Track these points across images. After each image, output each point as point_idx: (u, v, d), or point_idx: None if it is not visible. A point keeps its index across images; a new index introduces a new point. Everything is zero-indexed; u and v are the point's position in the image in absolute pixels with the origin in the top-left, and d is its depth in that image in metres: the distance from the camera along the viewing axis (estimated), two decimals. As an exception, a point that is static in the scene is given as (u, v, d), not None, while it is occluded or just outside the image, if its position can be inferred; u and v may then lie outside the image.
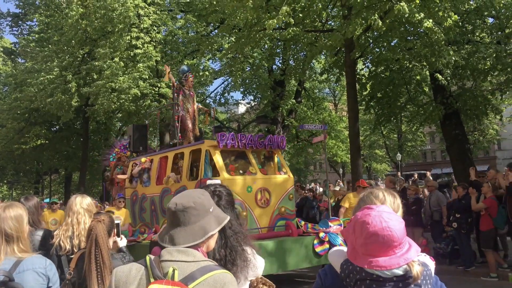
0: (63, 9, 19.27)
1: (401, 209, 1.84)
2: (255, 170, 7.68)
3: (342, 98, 31.41)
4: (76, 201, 3.70)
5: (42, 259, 2.54)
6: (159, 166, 8.74)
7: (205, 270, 1.61)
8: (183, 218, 1.68)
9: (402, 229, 1.53)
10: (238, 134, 7.72)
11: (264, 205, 7.45)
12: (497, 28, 13.42)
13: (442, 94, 14.22)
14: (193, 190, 1.82)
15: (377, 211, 1.55)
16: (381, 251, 1.50)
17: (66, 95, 18.18)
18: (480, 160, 36.12)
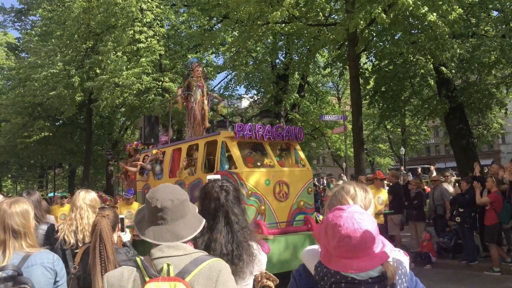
0: (66, 3, 19.23)
1: (373, 203, 1.79)
2: (273, 162, 7.42)
3: (346, 92, 31.33)
4: (79, 196, 3.73)
5: (50, 254, 2.56)
6: (172, 158, 8.54)
7: (198, 261, 1.63)
8: (182, 211, 1.72)
9: (375, 229, 1.49)
10: (255, 125, 7.49)
11: (283, 198, 7.20)
12: (501, 22, 13.33)
13: (446, 88, 14.17)
14: (167, 184, 1.82)
15: (348, 212, 1.50)
16: (354, 253, 1.46)
17: (70, 90, 18.20)
18: (484, 154, 35.98)
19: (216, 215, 2.26)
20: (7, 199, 2.83)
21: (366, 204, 1.74)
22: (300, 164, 7.91)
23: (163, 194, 1.73)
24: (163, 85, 17.28)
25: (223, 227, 2.21)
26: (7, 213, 2.53)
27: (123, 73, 15.62)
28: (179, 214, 1.71)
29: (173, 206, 1.70)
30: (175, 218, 1.70)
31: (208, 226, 2.24)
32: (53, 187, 32.55)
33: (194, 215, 1.78)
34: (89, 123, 23.68)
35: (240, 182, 6.63)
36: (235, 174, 6.80)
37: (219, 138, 7.36)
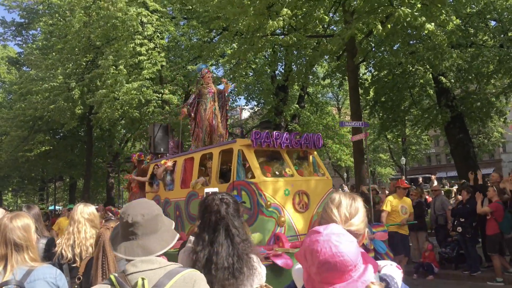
0: (67, 17, 19.41)
1: (361, 212, 1.71)
2: (292, 171, 7.08)
3: (345, 103, 31.42)
4: (77, 210, 3.73)
5: (53, 269, 2.58)
6: (184, 168, 8.19)
7: (172, 274, 1.64)
8: (153, 227, 1.72)
9: (354, 250, 1.42)
10: (273, 132, 7.15)
11: (303, 209, 6.83)
12: (499, 31, 13.42)
13: (446, 97, 14.21)
14: (140, 200, 1.85)
15: (325, 235, 1.42)
16: (336, 278, 1.39)
17: (70, 103, 18.27)
18: (485, 163, 35.94)
19: (216, 228, 2.25)
20: (8, 213, 2.84)
21: (352, 212, 1.69)
22: (319, 173, 7.59)
23: (135, 209, 1.74)
24: (163, 97, 17.34)
25: (224, 240, 2.20)
26: (8, 227, 2.54)
27: (123, 87, 15.68)
28: (151, 229, 1.71)
29: (144, 221, 1.71)
30: (146, 233, 1.71)
31: (209, 239, 2.24)
32: (54, 200, 32.49)
33: (168, 230, 1.78)
34: (89, 135, 23.73)
35: (259, 192, 6.39)
36: (253, 184, 6.51)
37: (235, 146, 7.03)
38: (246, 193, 6.48)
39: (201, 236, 2.28)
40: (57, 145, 25.30)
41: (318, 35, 13.92)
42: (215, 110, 8.63)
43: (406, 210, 8.43)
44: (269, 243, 6.13)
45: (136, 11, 16.13)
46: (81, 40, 17.81)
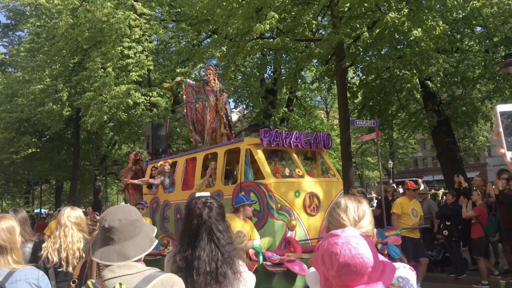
0: (54, 19, 19.23)
1: (368, 213, 1.72)
2: (302, 172, 6.74)
3: (334, 106, 31.59)
4: (64, 214, 3.70)
5: (35, 271, 2.55)
6: (185, 169, 7.83)
7: (150, 278, 1.64)
8: (130, 232, 1.73)
9: (373, 251, 1.42)
10: (281, 131, 6.86)
11: (314, 212, 6.51)
12: (485, 37, 13.62)
13: (432, 102, 14.37)
14: (122, 205, 1.88)
15: (343, 238, 1.42)
16: (356, 280, 1.39)
17: (57, 105, 18.09)
18: (471, 166, 36.37)
19: (198, 232, 2.20)
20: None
21: (360, 215, 1.70)
22: (329, 174, 7.31)
23: (112, 215, 1.75)
24: (151, 99, 17.27)
25: (206, 244, 2.15)
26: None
27: (111, 90, 15.56)
28: (128, 234, 1.72)
29: (121, 226, 1.71)
30: (123, 238, 1.71)
31: (189, 243, 2.19)
32: (40, 203, 32.09)
33: (146, 236, 1.78)
34: (76, 138, 23.51)
35: (269, 194, 6.08)
36: (263, 185, 6.19)
37: (243, 145, 6.71)
38: (255, 194, 6.19)
39: (183, 240, 2.25)
40: (43, 148, 25.00)
41: (307, 39, 13.99)
42: (218, 108, 8.25)
43: (416, 212, 8.04)
44: (279, 247, 5.91)
45: (124, 15, 16.06)
46: (68, 42, 17.66)
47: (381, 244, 6.51)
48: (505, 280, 8.05)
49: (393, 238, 6.72)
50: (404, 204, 7.99)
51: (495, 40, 13.23)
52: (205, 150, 7.59)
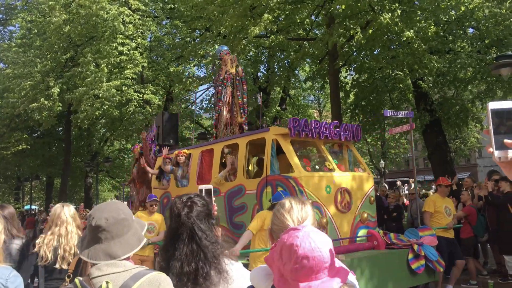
0: (46, 14, 19.06)
1: (310, 214, 1.73)
2: (332, 165, 6.25)
3: (327, 106, 31.64)
4: (64, 210, 3.66)
5: (7, 270, 2.44)
6: (201, 162, 7.35)
7: (138, 276, 1.64)
8: (117, 231, 1.71)
9: (330, 249, 1.43)
10: (311, 121, 6.31)
11: (345, 209, 6.05)
12: (477, 39, 13.71)
13: (424, 102, 14.45)
14: (109, 202, 1.83)
15: (304, 232, 1.42)
16: (311, 275, 1.38)
17: (49, 101, 17.95)
18: (461, 167, 36.66)
19: (177, 232, 2.14)
20: None
21: (303, 216, 1.71)
22: (360, 168, 6.83)
23: (100, 212, 1.74)
24: (144, 97, 17.20)
25: (185, 244, 2.09)
26: None
27: (103, 85, 15.46)
28: (115, 233, 1.70)
29: (108, 225, 1.70)
30: (109, 237, 1.70)
31: (171, 243, 2.15)
32: (30, 200, 31.83)
33: (135, 234, 1.76)
34: (67, 134, 23.34)
35: (299, 188, 5.62)
36: (292, 179, 5.73)
37: (268, 135, 6.21)
38: (283, 189, 5.67)
39: (166, 240, 2.21)
40: (34, 144, 24.79)
41: (300, 38, 14.00)
42: (234, 98, 7.83)
43: (450, 211, 7.54)
44: None
45: (117, 10, 15.96)
46: (61, 37, 17.52)
47: (417, 245, 6.12)
48: (493, 280, 8.12)
49: (429, 239, 6.31)
50: (437, 201, 7.47)
51: (487, 42, 13.33)
52: (224, 141, 7.08)
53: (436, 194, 7.75)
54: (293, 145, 6.29)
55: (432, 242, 6.30)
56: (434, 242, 6.33)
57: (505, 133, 1.20)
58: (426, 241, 6.25)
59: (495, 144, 1.20)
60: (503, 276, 8.18)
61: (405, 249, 6.12)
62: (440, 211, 7.40)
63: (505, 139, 1.19)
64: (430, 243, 6.26)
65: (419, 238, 6.31)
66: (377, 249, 6.10)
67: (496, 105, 1.23)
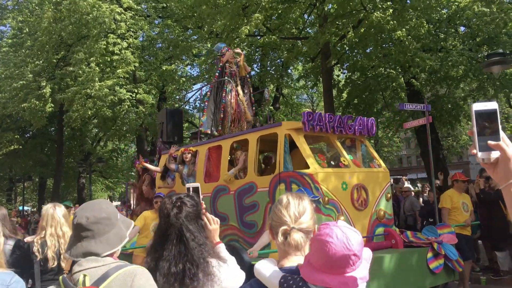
0: (37, 13, 18.91)
1: (309, 208, 1.75)
2: (347, 161, 6.02)
3: (320, 104, 31.69)
4: (56, 210, 3.65)
5: (8, 276, 2.38)
6: (208, 159, 7.11)
7: (114, 270, 1.67)
8: (98, 230, 1.73)
9: (362, 246, 1.51)
10: (325, 115, 6.07)
11: (362, 207, 5.82)
12: (468, 37, 13.80)
13: (417, 100, 14.51)
14: (95, 201, 1.85)
15: (337, 227, 1.50)
16: (339, 270, 1.46)
17: (40, 101, 17.82)
18: (453, 165, 36.87)
19: (166, 232, 2.14)
20: None
21: (300, 211, 1.72)
22: (375, 164, 6.59)
23: (83, 211, 1.77)
24: (137, 96, 17.12)
25: (174, 245, 2.09)
26: None
27: (95, 84, 15.36)
28: (95, 232, 1.73)
29: (88, 224, 1.72)
30: (90, 236, 1.72)
31: (160, 243, 2.15)
32: (22, 201, 31.60)
33: (117, 233, 1.78)
34: (60, 134, 23.18)
35: (315, 185, 5.41)
36: (308, 175, 5.51)
37: (281, 130, 5.98)
38: (298, 186, 5.50)
39: (155, 240, 2.21)
40: (26, 144, 24.61)
41: (293, 37, 14.01)
42: (239, 94, 7.64)
43: (467, 207, 7.24)
44: None
45: (109, 8, 15.86)
46: (52, 37, 17.39)
47: (436, 244, 5.92)
48: (485, 276, 8.20)
49: (448, 237, 6.11)
50: (454, 197, 7.20)
51: (478, 40, 13.42)
52: (233, 137, 6.83)
53: (453, 189, 7.44)
54: (309, 141, 6.10)
55: (452, 240, 6.11)
56: (454, 240, 6.13)
57: (488, 134, 1.20)
58: (445, 239, 6.05)
59: (478, 146, 1.21)
60: (495, 272, 8.25)
61: (424, 247, 5.93)
62: (458, 207, 7.16)
63: (489, 141, 1.19)
64: (450, 241, 6.07)
65: (438, 236, 6.10)
66: (395, 248, 5.91)
67: (480, 106, 1.23)
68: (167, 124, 8.78)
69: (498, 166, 1.21)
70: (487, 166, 1.23)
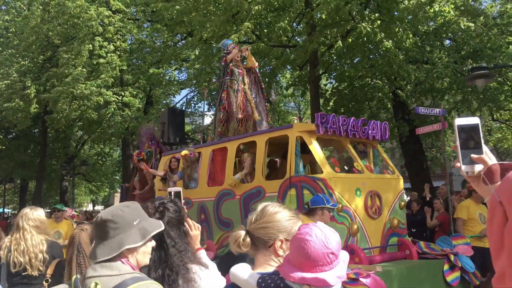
0: (24, 13, 18.71)
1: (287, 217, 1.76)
2: (361, 166, 5.76)
3: (307, 113, 31.87)
4: (23, 216, 3.58)
5: None
6: (212, 162, 6.82)
7: (131, 281, 1.61)
8: (102, 232, 1.71)
9: (339, 246, 1.56)
10: (339, 117, 5.80)
11: (376, 215, 5.54)
12: (453, 50, 14.06)
13: (402, 111, 14.70)
14: (120, 203, 1.81)
15: (316, 227, 1.56)
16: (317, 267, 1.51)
17: (25, 102, 17.58)
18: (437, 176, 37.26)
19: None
20: None
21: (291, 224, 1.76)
22: (388, 170, 6.35)
23: (102, 212, 1.78)
24: (123, 99, 17.00)
25: (154, 250, 2.05)
26: None
27: (81, 85, 15.20)
28: (99, 234, 1.72)
29: (96, 224, 1.72)
30: (97, 236, 1.72)
31: None
32: (3, 203, 31.01)
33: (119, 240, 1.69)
34: (44, 136, 22.87)
35: (328, 191, 5.09)
36: (321, 180, 5.22)
37: (292, 132, 5.70)
38: (310, 192, 5.22)
39: None
40: (9, 145, 24.21)
41: (282, 45, 14.09)
42: (247, 94, 7.35)
43: (484, 218, 6.86)
44: None
45: (96, 11, 15.76)
46: (39, 36, 17.21)
47: (453, 255, 5.66)
48: (466, 287, 8.26)
49: (463, 248, 5.86)
50: (470, 208, 6.91)
51: (463, 53, 13.67)
52: (239, 139, 6.56)
53: (470, 199, 7.15)
54: (322, 144, 5.88)
55: (467, 251, 5.86)
56: (469, 252, 5.87)
57: (471, 148, 1.24)
58: (460, 251, 5.81)
59: (462, 159, 1.24)
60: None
61: (440, 259, 5.65)
62: (474, 218, 6.86)
63: (472, 154, 1.22)
64: (465, 252, 5.82)
65: (453, 247, 5.84)
66: (409, 259, 5.65)
67: (462, 121, 1.27)
68: (168, 124, 8.39)
69: (481, 179, 1.23)
70: (471, 179, 1.26)
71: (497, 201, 1.06)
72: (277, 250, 1.70)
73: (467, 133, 1.25)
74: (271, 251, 1.71)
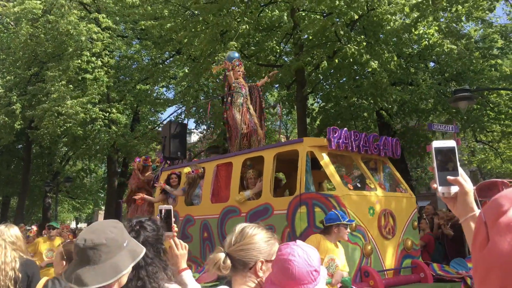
0: (11, 28, 18.64)
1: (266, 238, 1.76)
2: (374, 184, 5.57)
3: (294, 131, 32.01)
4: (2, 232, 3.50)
5: None
6: (216, 177, 6.62)
7: None
8: (93, 256, 1.55)
9: (319, 259, 1.62)
10: (350, 132, 5.62)
11: (390, 235, 5.28)
12: (437, 72, 14.35)
13: (387, 132, 14.86)
14: (104, 221, 1.70)
15: (297, 246, 1.60)
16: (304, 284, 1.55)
17: (10, 118, 17.37)
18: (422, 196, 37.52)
19: None
20: None
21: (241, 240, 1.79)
22: (401, 188, 6.13)
23: (84, 232, 1.63)
24: (110, 116, 16.91)
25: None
26: None
27: (67, 102, 15.09)
28: (89, 258, 1.55)
29: (83, 247, 1.56)
30: (84, 260, 1.55)
31: None
32: (-17, 219, 30.31)
33: (114, 264, 1.56)
34: (27, 152, 22.55)
35: (341, 209, 4.81)
36: (334, 197, 5.03)
37: (302, 147, 5.48)
38: (322, 210, 5.01)
39: None
40: (-9, 161, 23.81)
41: (269, 64, 14.25)
42: (249, 109, 7.31)
43: None
44: (355, 279, 4.67)
45: (85, 27, 15.78)
46: (26, 52, 17.13)
47: (469, 278, 5.33)
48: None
49: None
50: None
51: (447, 76, 13.96)
52: (245, 153, 6.33)
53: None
54: (332, 160, 5.62)
55: None
56: None
57: (448, 170, 1.27)
58: None
59: (438, 181, 1.27)
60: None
61: (457, 282, 5.42)
62: None
63: (448, 176, 1.26)
64: None
65: (469, 270, 5.62)
66: (424, 282, 5.42)
67: (440, 143, 1.31)
68: (170, 138, 8.22)
69: (457, 200, 1.27)
70: (447, 201, 1.29)
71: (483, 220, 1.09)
72: (257, 271, 1.71)
73: (444, 156, 1.29)
74: (252, 272, 1.71)
